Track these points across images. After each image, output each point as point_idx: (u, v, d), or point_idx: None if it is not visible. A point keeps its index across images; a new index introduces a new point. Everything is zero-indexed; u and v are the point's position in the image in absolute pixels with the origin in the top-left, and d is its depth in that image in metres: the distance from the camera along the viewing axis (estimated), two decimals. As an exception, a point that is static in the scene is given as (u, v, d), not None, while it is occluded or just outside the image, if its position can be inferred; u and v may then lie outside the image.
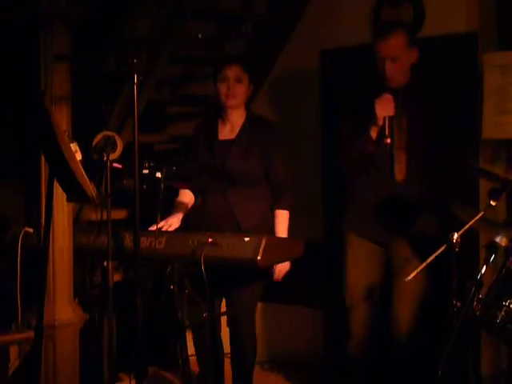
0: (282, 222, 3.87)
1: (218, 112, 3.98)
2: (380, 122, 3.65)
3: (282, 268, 3.87)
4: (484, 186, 4.05)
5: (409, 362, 3.86)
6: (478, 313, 3.06)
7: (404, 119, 3.75)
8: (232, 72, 3.85)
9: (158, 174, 3.57)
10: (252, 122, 3.92)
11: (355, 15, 4.66)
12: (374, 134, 3.71)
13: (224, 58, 4.47)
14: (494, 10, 4.17)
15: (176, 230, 3.87)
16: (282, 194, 3.89)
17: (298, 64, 4.89)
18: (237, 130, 3.91)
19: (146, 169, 3.54)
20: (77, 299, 3.85)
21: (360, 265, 3.90)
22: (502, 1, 4.14)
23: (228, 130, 3.94)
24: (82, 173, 2.92)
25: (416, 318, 3.84)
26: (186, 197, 4.04)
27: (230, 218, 3.83)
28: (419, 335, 3.87)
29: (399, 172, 3.76)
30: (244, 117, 3.93)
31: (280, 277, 3.88)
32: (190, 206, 4.03)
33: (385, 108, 3.64)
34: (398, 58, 3.70)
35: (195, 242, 3.46)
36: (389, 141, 3.63)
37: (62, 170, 2.93)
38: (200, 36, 4.07)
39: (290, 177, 3.92)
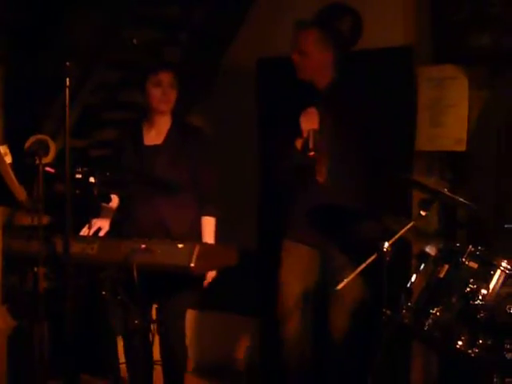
0: (208, 228, 3.87)
1: (142, 116, 3.95)
2: (304, 135, 3.74)
3: (208, 275, 3.84)
4: (417, 196, 4.12)
5: (344, 369, 3.90)
6: (406, 321, 3.11)
7: (328, 122, 3.82)
8: (166, 77, 3.84)
9: (92, 179, 3.54)
10: (179, 128, 3.91)
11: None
12: (299, 145, 3.81)
13: (155, 63, 4.44)
14: (430, 24, 4.26)
15: (106, 233, 3.85)
16: (208, 200, 3.88)
17: (236, 72, 4.91)
18: (163, 135, 3.89)
19: (79, 173, 3.50)
20: (6, 305, 3.78)
21: (295, 272, 3.92)
22: (437, 15, 4.22)
23: (154, 135, 3.91)
24: (10, 176, 2.87)
25: (351, 326, 3.88)
26: (113, 202, 4.00)
27: (159, 225, 3.81)
28: (356, 343, 3.91)
29: (319, 173, 3.83)
30: (170, 122, 3.91)
31: (205, 284, 3.85)
32: (114, 209, 3.99)
33: (309, 121, 3.75)
34: (305, 52, 3.83)
35: (128, 249, 3.44)
36: (312, 154, 3.72)
37: (-10, 173, 2.87)
38: (135, 41, 4.05)
39: (217, 184, 3.91)
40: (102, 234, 3.84)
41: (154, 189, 3.83)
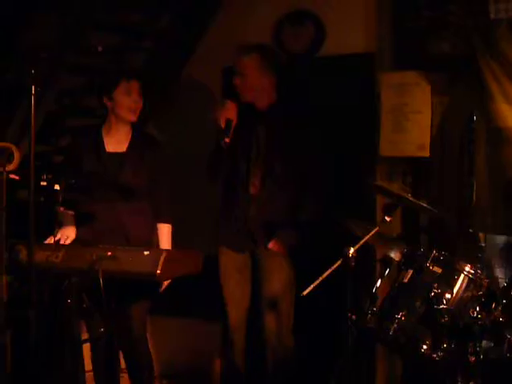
0: (165, 235, 3.90)
1: (102, 123, 3.93)
2: (222, 125, 3.86)
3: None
4: (381, 201, 4.16)
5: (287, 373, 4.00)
6: (371, 325, 3.14)
7: (263, 136, 3.96)
8: (136, 86, 3.84)
9: (57, 186, 3.51)
10: (139, 137, 3.92)
11: (258, 33, 4.71)
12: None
13: (124, 70, 4.43)
14: (391, 31, 4.30)
15: (73, 241, 3.83)
16: (163, 208, 3.91)
17: (201, 79, 4.92)
18: (125, 143, 3.89)
19: (43, 181, 3.47)
20: (-31, 314, 3.73)
21: (232, 276, 4.07)
22: (398, 22, 4.27)
23: (115, 142, 3.90)
24: (-26, 184, 2.85)
25: (288, 327, 4.00)
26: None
27: (119, 232, 3.81)
28: (302, 345, 4.02)
29: (253, 185, 3.96)
30: (131, 131, 3.92)
31: (161, 290, 3.85)
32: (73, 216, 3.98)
33: (226, 112, 3.89)
34: (245, 76, 3.95)
35: (93, 256, 3.42)
36: (227, 140, 3.84)
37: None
38: (100, 49, 4.03)
39: (170, 193, 3.94)
40: (68, 242, 3.82)
41: (116, 195, 3.82)
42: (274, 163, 3.92)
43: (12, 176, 3.26)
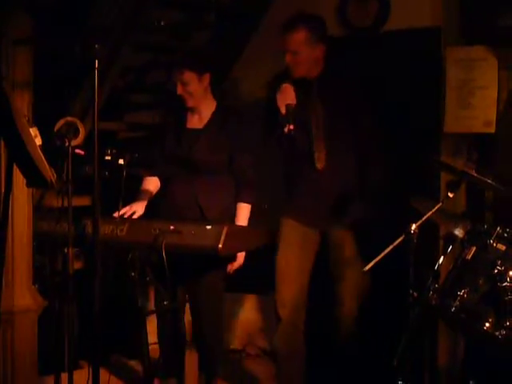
0: (242, 215, 3.85)
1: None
2: (283, 112, 3.74)
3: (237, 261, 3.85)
4: (445, 178, 4.11)
5: (356, 356, 3.98)
6: (433, 302, 3.11)
7: (320, 109, 3.89)
8: (183, 76, 3.81)
9: (121, 161, 3.57)
10: (221, 113, 3.91)
11: (322, 8, 4.66)
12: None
13: (189, 47, 4.45)
14: (458, 5, 4.22)
15: (140, 216, 3.87)
16: (245, 186, 3.87)
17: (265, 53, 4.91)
18: (205, 120, 3.90)
19: (108, 155, 3.53)
20: (36, 285, 3.83)
21: (292, 250, 3.99)
22: (465, -4, 4.19)
23: (197, 120, 3.93)
24: (41, 158, 2.90)
25: (355, 299, 3.99)
26: (152, 184, 4.03)
27: (193, 207, 3.83)
28: (368, 326, 3.99)
29: (319, 160, 3.88)
30: (214, 107, 3.92)
31: (232, 269, 3.85)
32: (154, 193, 4.03)
33: (284, 97, 3.77)
34: (297, 52, 3.86)
35: (157, 230, 3.46)
36: (291, 127, 3.71)
37: (21, 155, 2.91)
38: (162, 23, 4.05)
39: (254, 170, 3.89)
40: (135, 217, 3.86)
41: (191, 171, 3.85)
42: (335, 135, 3.87)
43: (77, 151, 3.32)
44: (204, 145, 3.85)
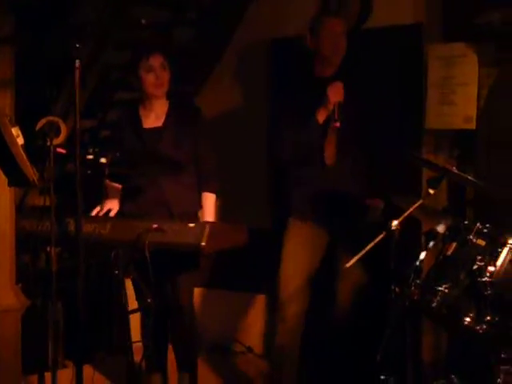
0: (209, 204, 3.93)
1: (139, 100, 3.97)
2: (331, 107, 3.73)
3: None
4: (427, 175, 4.12)
5: (348, 349, 3.98)
6: (415, 297, 3.13)
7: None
8: (156, 61, 3.84)
9: (103, 160, 3.57)
10: (176, 109, 3.94)
11: (305, 5, 4.68)
12: (321, 118, 3.78)
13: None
14: (440, 2, 4.24)
15: (116, 213, 3.91)
16: (209, 178, 3.94)
17: (248, 52, 4.92)
18: (162, 118, 3.93)
19: (90, 154, 3.53)
20: (20, 285, 3.83)
21: (299, 253, 3.93)
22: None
23: (153, 118, 3.94)
24: (22, 157, 2.91)
25: (355, 304, 3.96)
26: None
27: (161, 204, 3.86)
28: (359, 322, 3.97)
29: (328, 157, 3.85)
30: (167, 104, 3.94)
31: None
32: (120, 189, 4.03)
33: (336, 93, 3.74)
34: (340, 39, 3.86)
35: (140, 228, 3.47)
36: (338, 124, 3.71)
37: (2, 155, 2.91)
38: (143, 21, 4.05)
39: (216, 162, 3.96)
40: (112, 214, 3.91)
41: (158, 169, 3.86)
42: (345, 132, 3.81)
43: (59, 150, 3.32)
44: (168, 142, 3.88)
